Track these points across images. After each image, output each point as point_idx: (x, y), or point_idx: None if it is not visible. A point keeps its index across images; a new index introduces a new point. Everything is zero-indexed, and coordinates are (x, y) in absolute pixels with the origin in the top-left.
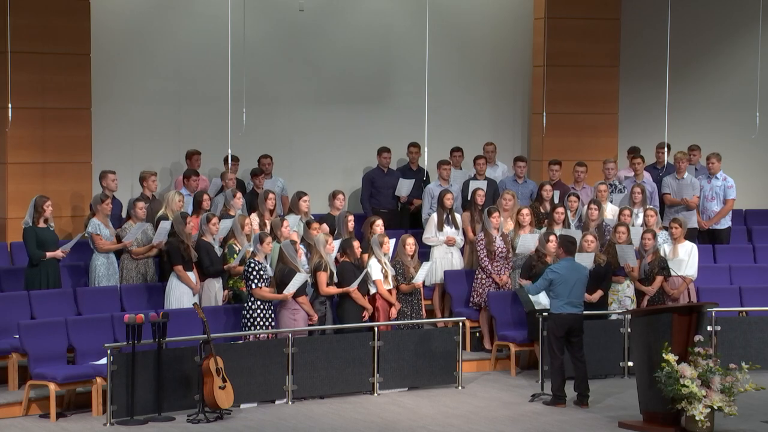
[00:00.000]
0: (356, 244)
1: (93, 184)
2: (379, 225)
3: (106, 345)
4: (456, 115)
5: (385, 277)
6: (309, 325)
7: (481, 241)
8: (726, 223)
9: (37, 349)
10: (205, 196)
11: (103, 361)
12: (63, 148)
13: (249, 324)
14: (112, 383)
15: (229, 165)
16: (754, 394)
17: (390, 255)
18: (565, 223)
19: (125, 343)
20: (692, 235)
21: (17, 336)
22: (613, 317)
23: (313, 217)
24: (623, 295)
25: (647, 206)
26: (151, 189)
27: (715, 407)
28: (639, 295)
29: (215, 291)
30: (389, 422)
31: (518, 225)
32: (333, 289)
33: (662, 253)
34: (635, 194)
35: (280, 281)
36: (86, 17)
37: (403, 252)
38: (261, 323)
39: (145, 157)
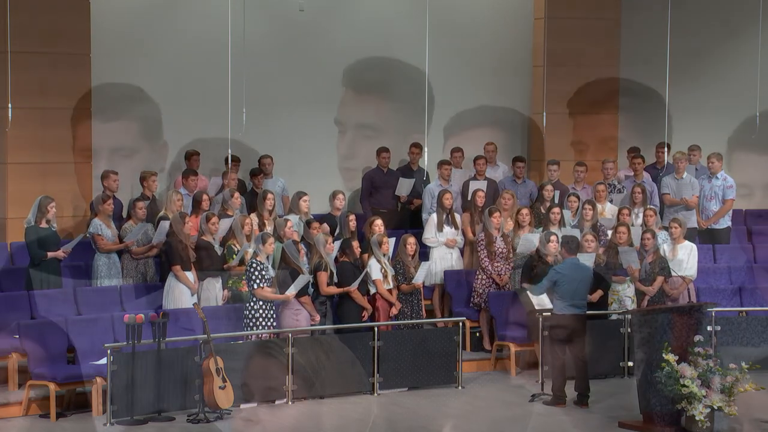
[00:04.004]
0: (355, 244)
1: (93, 184)
2: (378, 225)
3: (106, 345)
4: (456, 115)
5: (385, 276)
6: (311, 325)
7: (481, 242)
8: (726, 223)
9: (37, 349)
10: (205, 196)
11: (103, 361)
12: (63, 148)
13: (251, 324)
14: (112, 383)
15: (229, 165)
16: (754, 394)
17: (390, 255)
18: (562, 224)
19: (125, 343)
20: (692, 235)
21: (17, 336)
22: (613, 317)
23: (312, 217)
24: (623, 295)
25: (647, 206)
26: (152, 189)
27: (715, 407)
28: (639, 295)
29: (215, 291)
30: (389, 422)
31: (517, 225)
32: (333, 289)
33: (662, 253)
34: (636, 194)
35: (282, 281)
36: (86, 17)
37: (404, 252)
38: (263, 323)
39: (145, 157)
